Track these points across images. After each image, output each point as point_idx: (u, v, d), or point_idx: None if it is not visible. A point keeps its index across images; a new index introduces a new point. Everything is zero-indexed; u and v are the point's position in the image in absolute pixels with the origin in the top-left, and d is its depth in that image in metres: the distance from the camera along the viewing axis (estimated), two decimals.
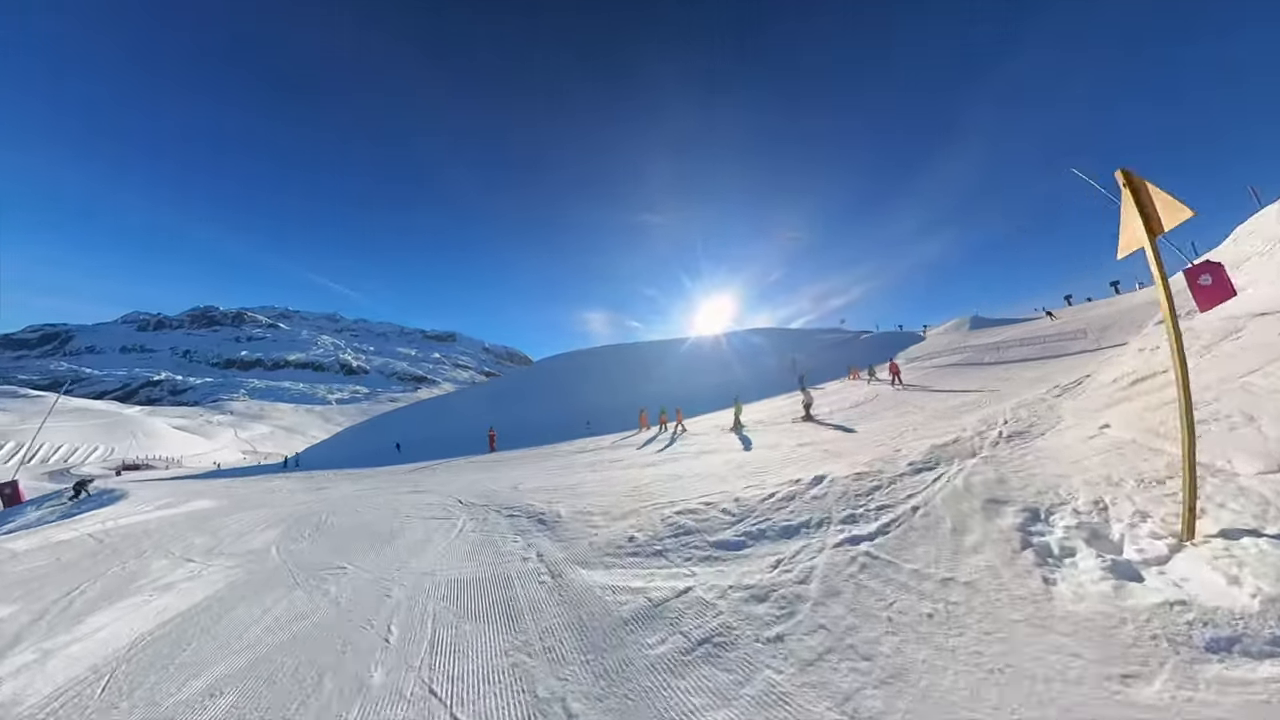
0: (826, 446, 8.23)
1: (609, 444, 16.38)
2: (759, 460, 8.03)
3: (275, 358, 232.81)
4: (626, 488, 7.44)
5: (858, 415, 12.55)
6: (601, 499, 6.78)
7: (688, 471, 8.00)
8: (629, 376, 47.33)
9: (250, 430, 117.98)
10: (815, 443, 8.98)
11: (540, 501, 7.21)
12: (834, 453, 7.60)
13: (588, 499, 6.94)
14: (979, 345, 23.87)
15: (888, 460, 5.70)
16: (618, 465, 10.56)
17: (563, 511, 6.28)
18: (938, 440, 6.43)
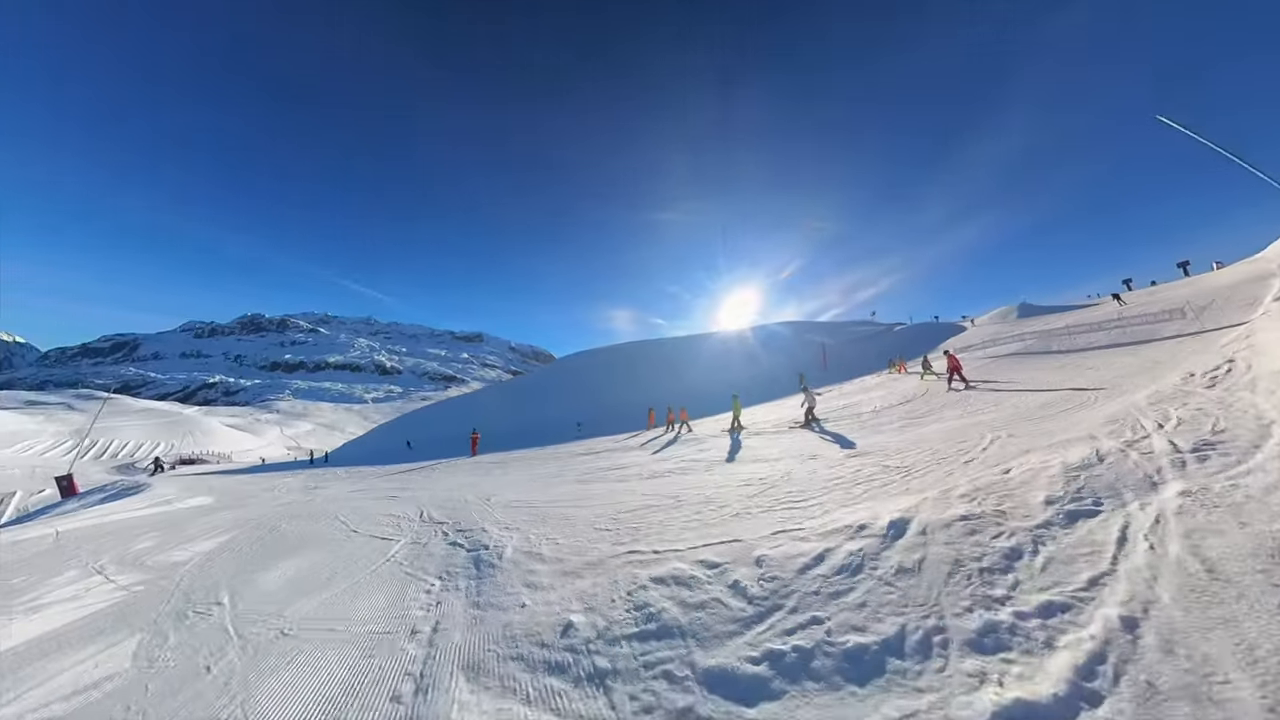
0: (887, 460, 6.05)
1: (617, 445, 14.56)
2: (792, 478, 5.93)
3: (316, 360, 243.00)
4: (607, 512, 5.56)
5: (910, 414, 10.19)
6: (568, 529, 5.08)
7: (693, 492, 5.99)
8: (651, 373, 45.37)
9: (294, 427, 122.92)
10: (869, 452, 6.79)
11: (498, 526, 5.80)
12: (900, 470, 5.43)
13: (552, 526, 5.25)
14: (1040, 332, 20.69)
15: (1000, 489, 3.58)
16: (613, 475, 8.66)
17: (510, 549, 4.57)
18: (1067, 457, 4.21)
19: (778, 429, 11.63)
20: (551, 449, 17.21)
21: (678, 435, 15.32)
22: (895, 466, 5.58)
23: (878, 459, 6.19)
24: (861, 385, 18.66)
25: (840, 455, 6.86)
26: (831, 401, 15.43)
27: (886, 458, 6.20)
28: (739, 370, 39.76)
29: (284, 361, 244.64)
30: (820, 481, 5.46)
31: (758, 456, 8.15)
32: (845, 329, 50.77)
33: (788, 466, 6.71)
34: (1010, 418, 7.75)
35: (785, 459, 7.40)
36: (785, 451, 8.15)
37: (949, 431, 7.53)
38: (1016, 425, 6.99)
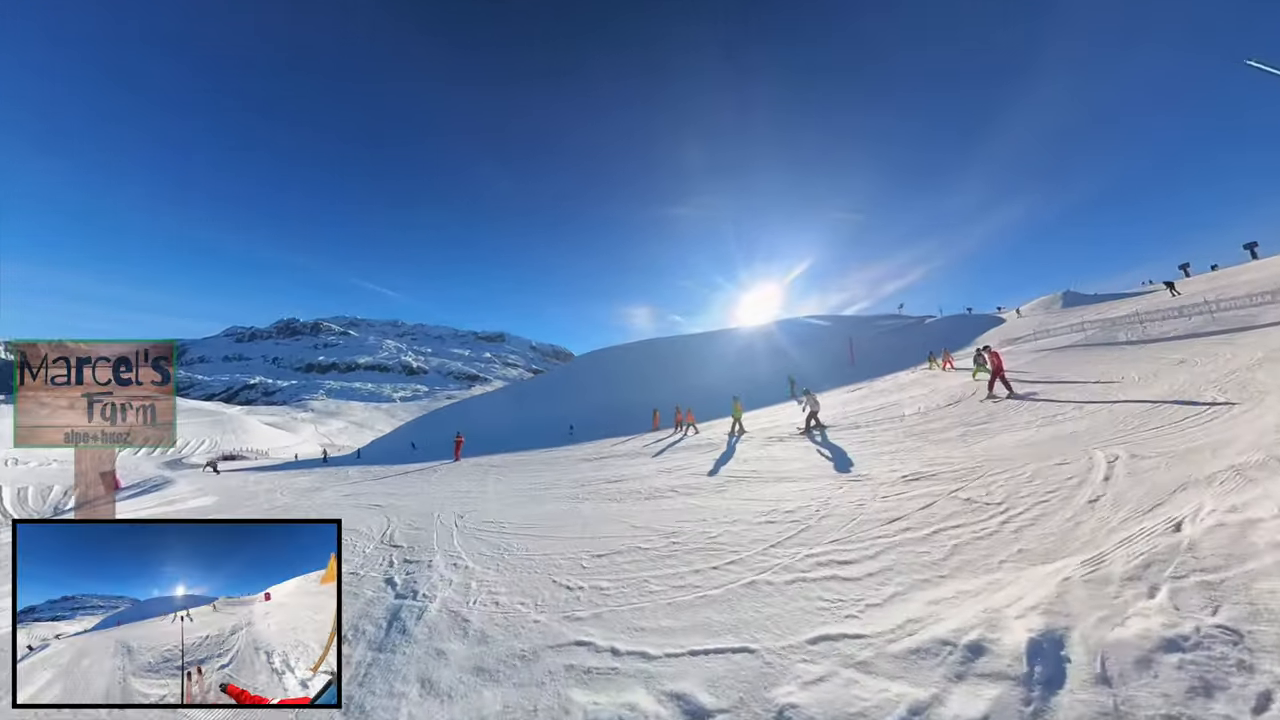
0: (963, 487, 4.46)
1: (624, 449, 13.22)
2: (831, 513, 4.40)
3: (347, 361, 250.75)
4: (583, 550, 4.30)
5: (966, 419, 8.43)
6: (524, 578, 3.94)
7: (695, 527, 4.52)
8: (668, 371, 43.87)
9: (328, 425, 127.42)
10: (932, 473, 5.16)
11: (449, 560, 4.76)
12: (991, 507, 3.85)
13: (507, 569, 4.18)
14: (1101, 320, 18.25)
15: (1191, 563, 2.01)
16: (609, 489, 7.24)
17: (437, 604, 3.61)
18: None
19: (830, 432, 9.98)
20: (558, 451, 16.09)
21: (684, 436, 14.48)
22: (981, 501, 3.99)
23: (948, 485, 4.59)
24: (895, 382, 16.73)
25: (893, 476, 5.26)
26: (865, 401, 13.64)
27: (960, 483, 4.59)
28: (759, 367, 37.85)
29: (317, 363, 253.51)
30: (874, 523, 3.91)
31: (782, 472, 6.61)
32: (872, 323, 48.02)
33: (823, 491, 5.16)
34: (1112, 427, 5.98)
35: (819, 478, 5.84)
36: (817, 466, 6.56)
37: (1032, 445, 5.82)
38: (1130, 438, 5.26)
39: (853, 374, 26.10)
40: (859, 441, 7.92)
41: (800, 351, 39.44)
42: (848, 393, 17.15)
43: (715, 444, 11.07)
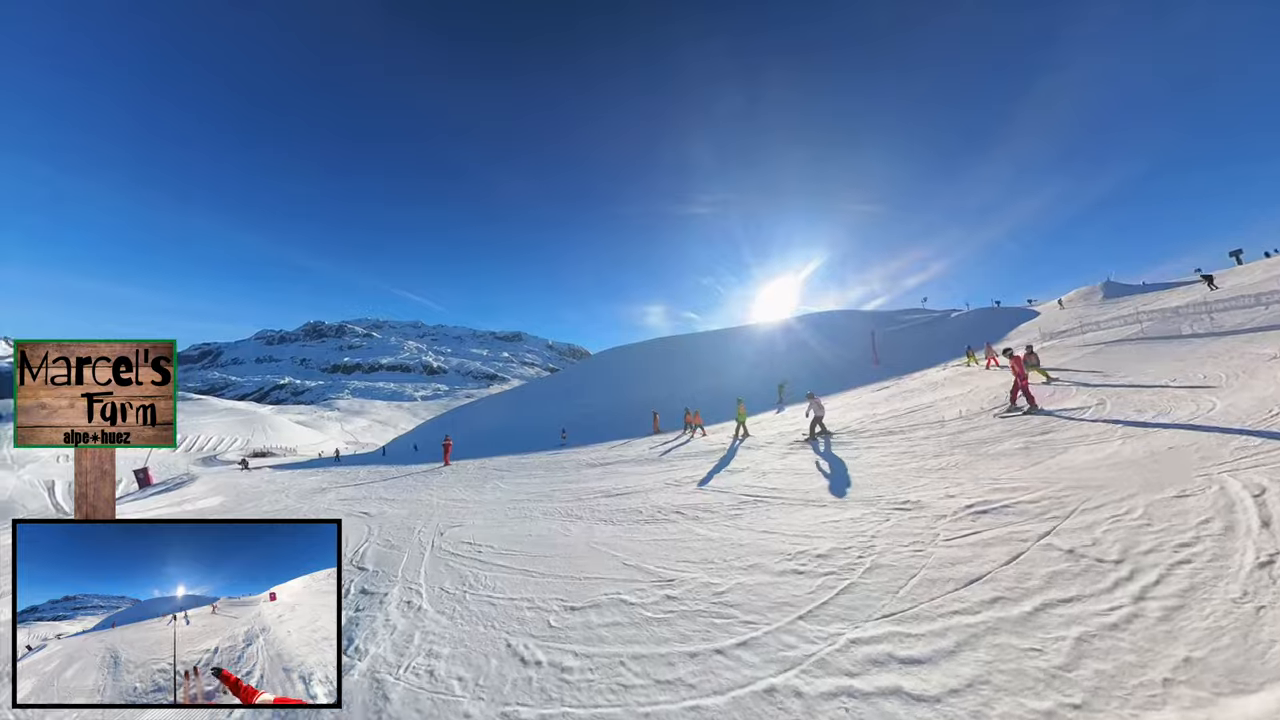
0: (1055, 529, 3.38)
1: (632, 454, 12.35)
2: (879, 560, 3.37)
3: (371, 362, 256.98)
4: (558, 597, 3.49)
5: (1021, 427, 7.21)
6: (473, 638, 3.11)
7: (700, 571, 3.54)
8: (682, 369, 42.80)
9: (353, 423, 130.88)
10: (1003, 502, 4.05)
11: (402, 599, 4.16)
12: (1106, 564, 2.78)
13: (458, 618, 3.40)
14: (1158, 311, 16.46)
15: None
16: (606, 507, 6.29)
17: (361, 666, 3.08)
18: None
19: (860, 436, 8.86)
20: (564, 454, 15.32)
21: (691, 438, 13.96)
22: (1089, 555, 2.90)
23: (1032, 524, 3.50)
24: (926, 381, 15.34)
25: (953, 506, 4.17)
26: (895, 402, 12.38)
27: (1047, 521, 3.50)
28: (778, 364, 36.44)
29: (343, 364, 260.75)
30: (943, 585, 2.86)
31: (809, 493, 5.55)
32: (895, 318, 45.94)
33: (865, 524, 4.12)
34: (1224, 442, 4.76)
35: (857, 504, 4.77)
36: (852, 486, 5.48)
37: (1124, 465, 4.64)
38: (1265, 460, 4.07)
39: (877, 372, 24.59)
40: (898, 453, 6.78)
41: (821, 347, 37.83)
42: (874, 392, 15.84)
43: (725, 449, 10.04)
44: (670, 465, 9.80)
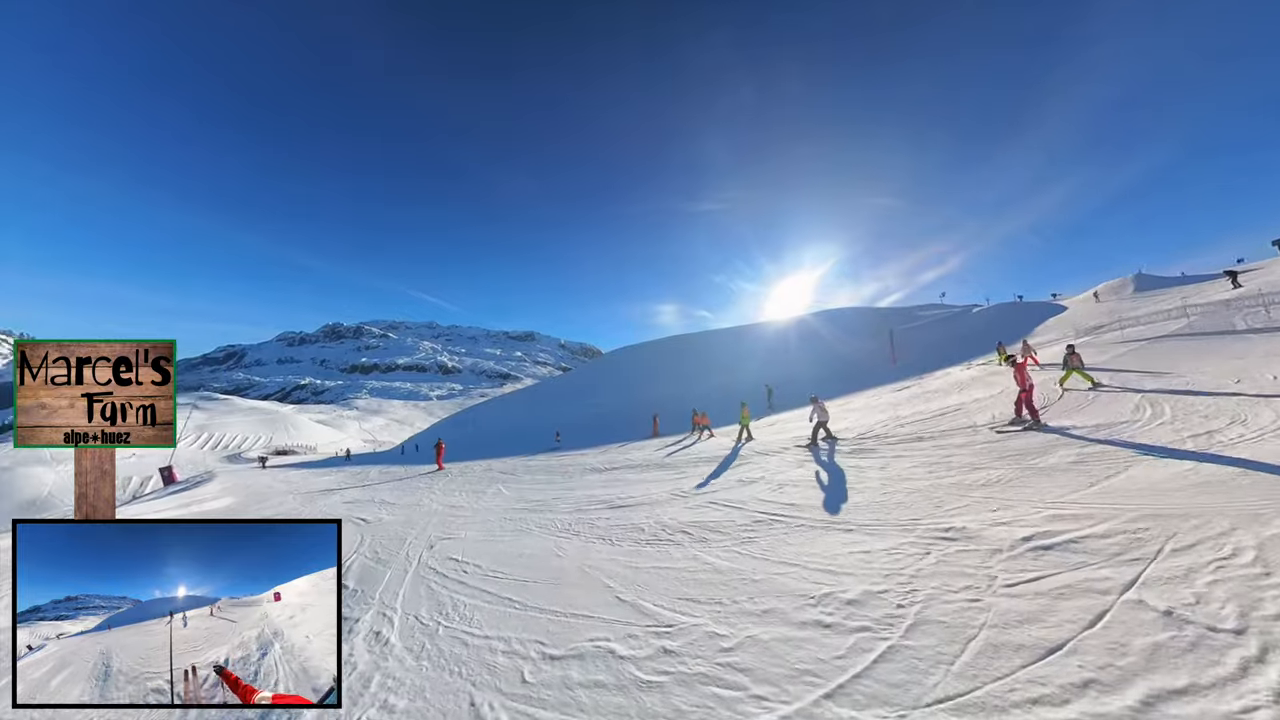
0: (1151, 584, 2.74)
1: (640, 458, 11.84)
2: (930, 614, 2.77)
3: (388, 362, 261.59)
4: (521, 649, 2.90)
5: (1068, 436, 6.46)
6: (430, 687, 2.83)
7: (705, 633, 2.97)
8: (694, 367, 42.14)
9: (370, 422, 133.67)
10: (1071, 535, 3.36)
11: (374, 625, 3.87)
12: (1223, 634, 2.15)
13: (411, 669, 3.07)
14: (1207, 305, 15.26)
15: None
16: (605, 521, 5.75)
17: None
18: None
19: (885, 444, 8.18)
20: (571, 456, 14.89)
21: (698, 439, 13.73)
22: (1196, 620, 2.27)
23: (1110, 567, 2.85)
24: (951, 380, 14.46)
25: (1007, 537, 3.52)
26: (918, 403, 11.59)
27: (1128, 564, 2.85)
28: (792, 363, 35.55)
29: (360, 364, 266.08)
30: (1013, 654, 2.23)
31: (833, 512, 4.93)
32: (912, 314, 44.49)
33: (902, 558, 3.49)
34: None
35: (890, 529, 4.14)
36: (882, 505, 4.82)
37: (1208, 485, 3.94)
38: None
39: (895, 370, 23.62)
40: (930, 463, 6.10)
41: (836, 345, 36.76)
42: (894, 392, 15.01)
43: (749, 456, 9.42)
44: (678, 472, 9.24)
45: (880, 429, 9.27)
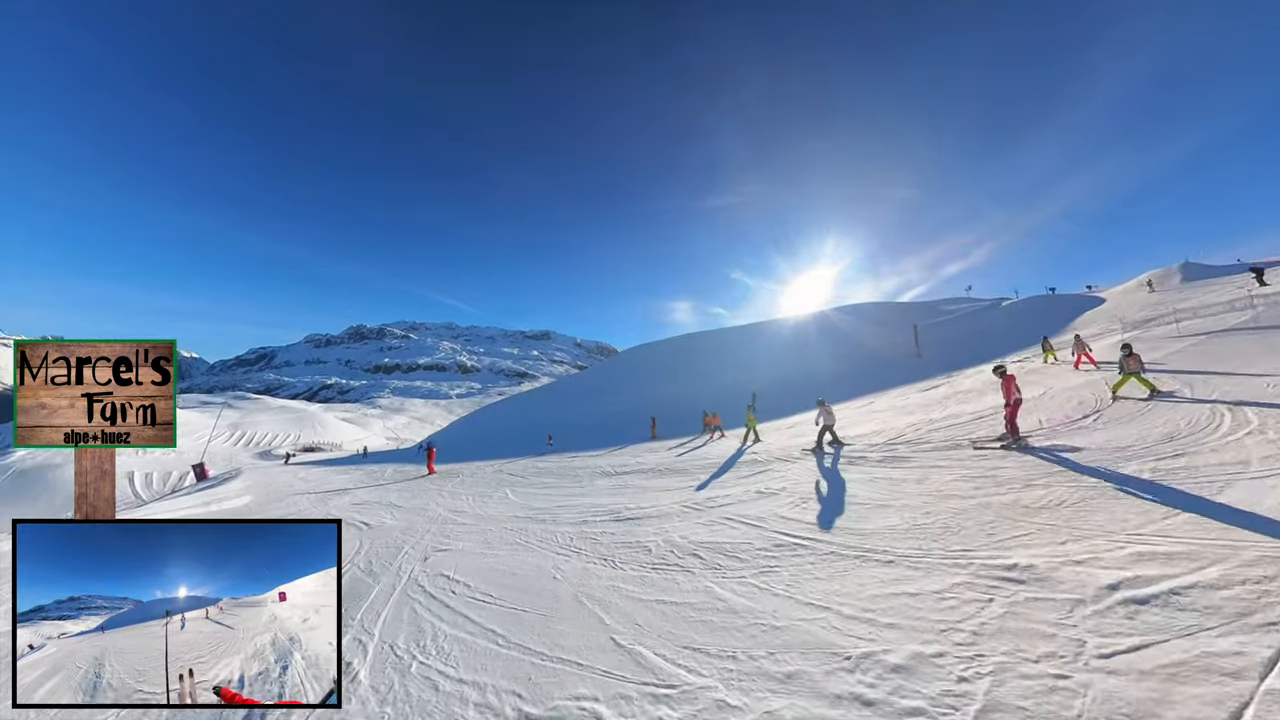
0: None
1: (657, 463, 11.36)
2: (1009, 700, 2.17)
3: (409, 362, 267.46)
4: (495, 703, 2.28)
5: (1125, 441, 5.67)
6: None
7: (713, 699, 2.43)
8: (708, 365, 41.40)
9: (393, 420, 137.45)
10: (1169, 583, 2.69)
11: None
12: None
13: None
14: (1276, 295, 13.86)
15: None
16: (607, 540, 5.25)
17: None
18: None
19: (916, 451, 7.49)
20: (582, 459, 14.49)
21: (710, 440, 13.46)
22: None
23: (1232, 629, 2.19)
24: (984, 379, 13.47)
25: (1085, 576, 2.86)
26: (950, 405, 10.75)
27: (1255, 625, 2.20)
28: (811, 360, 34.50)
29: (383, 364, 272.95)
30: None
31: (867, 537, 4.32)
32: (937, 309, 42.75)
33: (957, 600, 2.89)
34: None
35: (940, 564, 3.51)
36: (925, 530, 4.17)
37: None
38: None
39: (921, 367, 22.49)
40: (975, 476, 5.39)
41: (856, 341, 35.52)
42: (922, 392, 14.11)
43: (768, 462, 8.80)
44: (691, 479, 8.70)
45: (912, 433, 8.53)
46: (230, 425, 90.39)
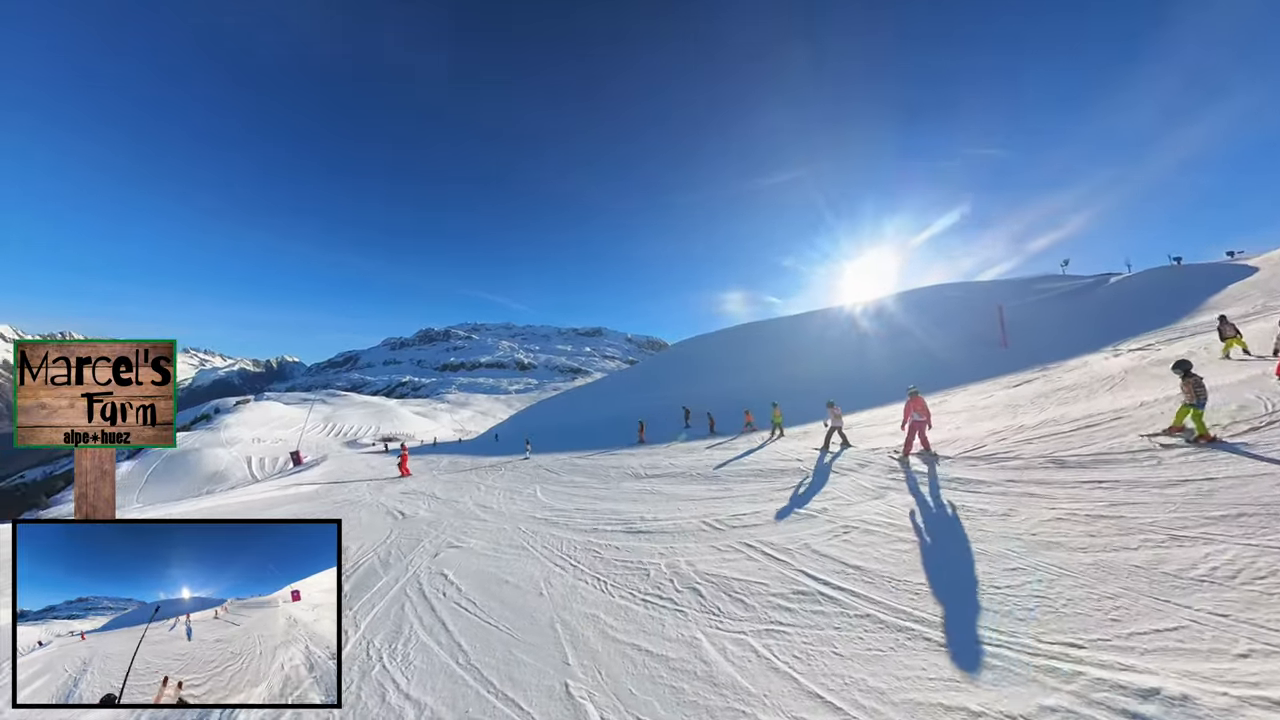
0: None
1: (684, 465, 10.46)
2: None
3: (472, 361, 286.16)
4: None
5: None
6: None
7: None
8: (760, 357, 39.43)
9: (459, 414, 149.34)
10: None
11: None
12: None
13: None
14: None
15: None
16: (613, 558, 4.55)
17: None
18: None
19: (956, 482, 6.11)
20: (615, 457, 14.03)
21: (764, 440, 12.19)
22: None
23: None
24: (1093, 373, 11.06)
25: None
26: (1050, 408, 8.78)
27: None
28: (871, 351, 31.63)
29: (450, 363, 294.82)
30: None
31: (929, 609, 3.25)
32: (1026, 288, 37.44)
33: None
34: None
35: (1028, 658, 2.43)
36: (1009, 591, 3.02)
37: None
38: None
39: (1006, 358, 19.52)
40: (1089, 514, 3.97)
41: (927, 329, 31.93)
42: (1010, 389, 11.93)
43: (800, 470, 7.66)
44: (723, 488, 7.79)
45: (994, 444, 6.95)
46: (323, 418, 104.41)
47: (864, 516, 5.07)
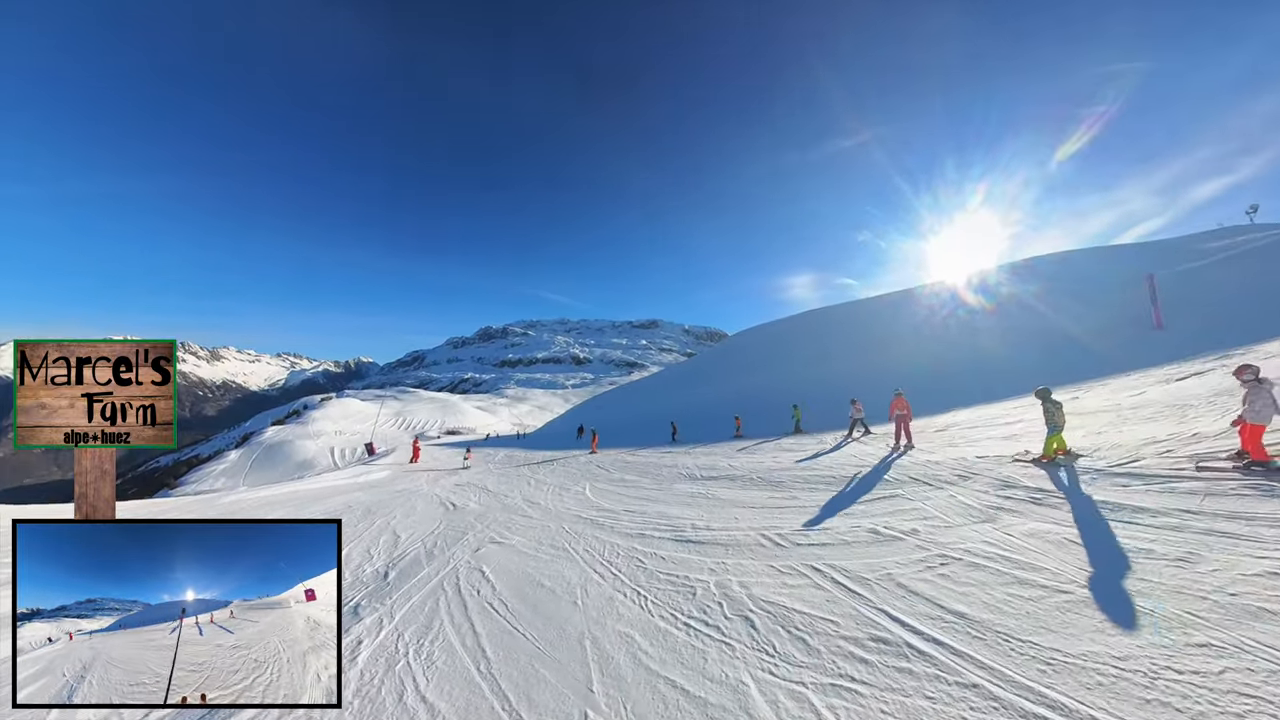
0: None
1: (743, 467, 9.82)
2: None
3: (529, 357, 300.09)
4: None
5: None
6: None
7: None
8: (834, 347, 36.95)
9: (517, 408, 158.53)
10: None
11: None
12: None
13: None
14: None
15: None
16: (645, 573, 4.17)
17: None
18: None
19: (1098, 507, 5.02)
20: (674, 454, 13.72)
21: (847, 439, 11.07)
22: None
23: None
24: None
25: None
26: (1231, 408, 7.04)
27: None
28: (977, 338, 28.36)
29: (508, 360, 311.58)
30: None
31: (1062, 689, 2.54)
32: (1185, 249, 31.39)
33: None
34: None
35: None
36: (1196, 679, 2.23)
37: None
38: None
39: (1160, 342, 16.39)
40: None
41: (1049, 308, 27.87)
42: (1168, 383, 9.81)
43: (889, 480, 6.75)
44: (788, 496, 7.17)
45: (1153, 455, 5.60)
46: (394, 413, 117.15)
47: (968, 545, 4.24)
